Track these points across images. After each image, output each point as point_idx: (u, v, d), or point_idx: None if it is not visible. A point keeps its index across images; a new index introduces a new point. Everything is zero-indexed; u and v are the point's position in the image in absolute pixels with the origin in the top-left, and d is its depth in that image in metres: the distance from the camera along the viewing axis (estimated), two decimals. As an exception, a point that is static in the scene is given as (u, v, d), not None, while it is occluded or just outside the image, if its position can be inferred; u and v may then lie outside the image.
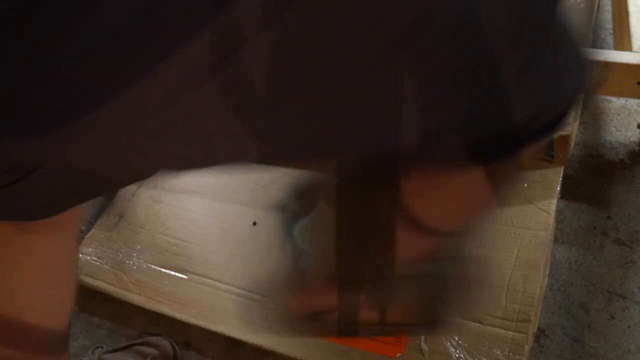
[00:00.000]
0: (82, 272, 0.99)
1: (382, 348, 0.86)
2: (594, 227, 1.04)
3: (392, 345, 0.86)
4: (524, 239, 0.96)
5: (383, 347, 0.86)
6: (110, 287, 0.98)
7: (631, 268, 0.98)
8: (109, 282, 0.98)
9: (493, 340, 0.85)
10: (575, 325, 0.92)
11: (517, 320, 0.87)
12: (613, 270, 0.98)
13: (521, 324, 0.86)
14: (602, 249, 1.01)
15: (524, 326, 0.86)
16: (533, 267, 0.92)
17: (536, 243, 0.95)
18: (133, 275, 0.99)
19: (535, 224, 0.97)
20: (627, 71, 1.00)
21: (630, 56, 1.01)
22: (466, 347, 0.85)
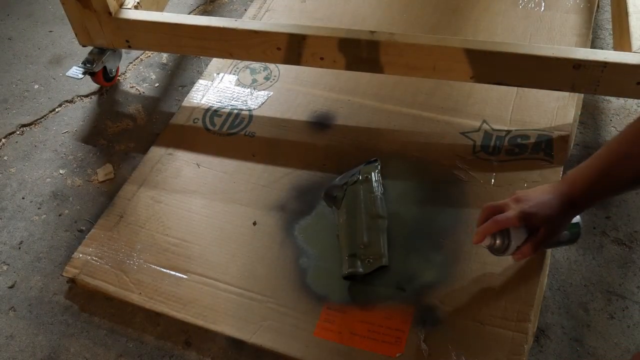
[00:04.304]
0: (82, 272, 0.99)
1: (382, 348, 0.86)
2: (593, 227, 1.04)
3: (392, 345, 0.86)
4: (523, 239, 0.96)
5: (383, 347, 0.86)
6: (110, 287, 0.98)
7: (631, 268, 0.98)
8: (109, 282, 0.98)
9: (493, 340, 0.85)
10: (575, 325, 0.92)
11: (517, 320, 0.87)
12: (612, 270, 0.98)
13: (521, 324, 0.87)
14: (601, 248, 1.01)
15: (523, 326, 0.86)
16: (533, 267, 0.93)
17: (536, 243, 0.96)
18: (133, 275, 0.99)
19: (535, 224, 0.98)
20: (627, 71, 1.00)
21: (630, 56, 1.01)
22: (466, 346, 0.85)
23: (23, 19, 1.61)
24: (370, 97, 1.24)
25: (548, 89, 1.07)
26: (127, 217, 1.07)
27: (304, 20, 1.42)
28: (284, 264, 0.98)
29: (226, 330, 0.91)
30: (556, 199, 0.80)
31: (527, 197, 0.82)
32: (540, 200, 0.81)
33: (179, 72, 1.42)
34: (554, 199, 0.80)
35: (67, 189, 1.18)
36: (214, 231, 1.03)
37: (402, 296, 0.92)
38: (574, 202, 0.79)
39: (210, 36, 1.15)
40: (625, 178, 0.74)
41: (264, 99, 1.26)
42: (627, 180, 0.73)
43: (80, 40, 1.25)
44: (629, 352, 0.88)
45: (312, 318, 0.90)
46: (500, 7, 1.40)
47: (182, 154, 1.17)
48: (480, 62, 1.05)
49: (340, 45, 1.09)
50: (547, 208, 0.80)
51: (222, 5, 1.61)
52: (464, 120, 1.17)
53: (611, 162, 0.75)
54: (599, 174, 0.76)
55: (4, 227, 1.13)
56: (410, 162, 1.10)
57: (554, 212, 0.80)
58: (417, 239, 0.98)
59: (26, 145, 1.28)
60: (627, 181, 0.74)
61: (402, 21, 1.39)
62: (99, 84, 1.36)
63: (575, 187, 0.79)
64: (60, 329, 0.97)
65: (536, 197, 0.81)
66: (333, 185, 1.05)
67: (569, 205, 0.79)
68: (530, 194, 0.83)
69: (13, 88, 1.41)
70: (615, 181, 0.75)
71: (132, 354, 0.93)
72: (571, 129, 1.13)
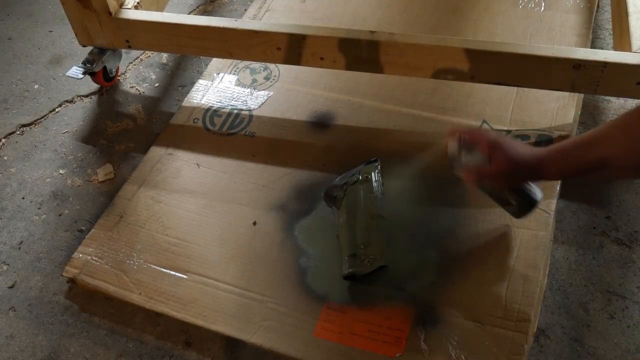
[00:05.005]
0: (82, 272, 0.99)
1: (382, 348, 0.86)
2: (593, 227, 1.04)
3: (392, 345, 0.86)
4: (523, 239, 0.96)
5: (383, 347, 0.86)
6: (110, 287, 0.98)
7: (631, 268, 0.98)
8: (109, 282, 0.98)
9: (493, 340, 0.85)
10: (575, 325, 0.92)
11: (517, 320, 0.87)
12: (612, 270, 0.98)
13: (521, 324, 0.87)
14: (601, 249, 1.01)
15: (523, 326, 0.86)
16: (533, 267, 0.93)
17: (536, 243, 0.96)
18: (133, 275, 0.99)
19: (535, 224, 0.98)
20: (627, 71, 1.00)
21: (630, 56, 1.01)
22: (466, 346, 0.85)
23: (23, 19, 1.61)
24: (370, 97, 1.24)
25: (548, 89, 1.07)
26: (127, 217, 1.07)
27: (304, 20, 1.42)
28: (284, 264, 0.98)
29: (226, 330, 0.91)
30: (530, 152, 0.83)
31: (507, 141, 0.85)
32: (516, 144, 0.85)
33: (179, 72, 1.42)
34: (528, 150, 0.84)
35: (67, 189, 1.18)
36: (214, 231, 1.03)
37: (402, 296, 0.92)
38: (541, 160, 0.82)
39: (210, 36, 1.15)
40: (588, 160, 0.77)
41: (264, 99, 1.26)
42: (591, 161, 0.76)
43: (80, 40, 1.25)
44: (629, 352, 0.88)
45: (312, 318, 0.90)
46: (500, 7, 1.40)
47: (182, 154, 1.17)
48: (480, 62, 1.05)
49: (340, 45, 1.09)
50: (516, 150, 0.83)
51: (222, 5, 1.61)
52: (464, 120, 1.17)
53: (582, 141, 0.78)
54: (572, 146, 0.79)
55: (4, 227, 1.13)
56: (410, 162, 1.10)
57: (519, 157, 0.83)
58: (417, 239, 0.98)
59: (26, 145, 1.28)
60: (590, 163, 0.77)
61: (402, 21, 1.39)
62: (99, 84, 1.36)
63: (549, 152, 0.82)
64: (60, 329, 0.97)
65: (515, 144, 0.85)
66: (333, 185, 1.05)
67: (537, 161, 0.82)
68: (512, 142, 0.86)
69: (13, 88, 1.41)
70: (580, 160, 0.78)
71: (132, 354, 0.93)
72: (571, 129, 1.13)
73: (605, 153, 0.73)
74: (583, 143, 0.77)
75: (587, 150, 0.76)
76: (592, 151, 0.75)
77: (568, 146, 0.80)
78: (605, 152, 0.73)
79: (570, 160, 0.79)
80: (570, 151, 0.79)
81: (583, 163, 0.77)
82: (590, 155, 0.75)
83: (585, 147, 0.76)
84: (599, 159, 0.74)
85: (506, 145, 0.84)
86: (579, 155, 0.77)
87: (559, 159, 0.80)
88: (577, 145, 0.78)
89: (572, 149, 0.79)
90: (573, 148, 0.79)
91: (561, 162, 0.80)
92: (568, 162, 0.79)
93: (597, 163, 0.74)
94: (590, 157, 0.75)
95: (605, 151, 0.73)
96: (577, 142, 0.78)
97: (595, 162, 0.75)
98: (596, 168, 0.75)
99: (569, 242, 1.02)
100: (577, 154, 0.78)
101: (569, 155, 0.79)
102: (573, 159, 0.78)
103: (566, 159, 0.79)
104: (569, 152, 0.79)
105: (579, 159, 0.77)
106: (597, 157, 0.74)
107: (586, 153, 0.76)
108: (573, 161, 0.78)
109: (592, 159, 0.75)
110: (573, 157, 0.78)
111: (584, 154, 0.76)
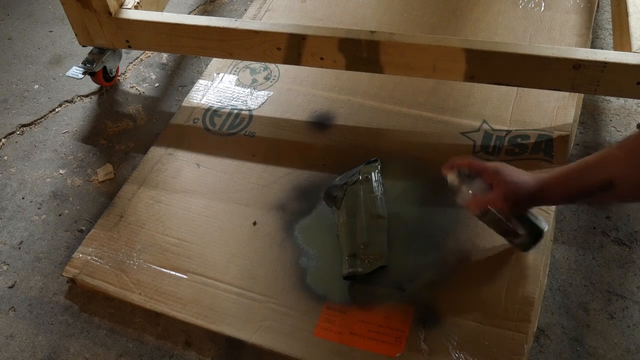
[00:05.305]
0: (82, 272, 0.99)
1: (382, 348, 0.86)
2: (593, 227, 1.04)
3: (392, 345, 0.86)
4: (523, 239, 0.96)
5: (383, 347, 0.86)
6: (110, 287, 0.98)
7: (630, 268, 0.98)
8: (109, 282, 0.98)
9: (493, 340, 0.85)
10: (575, 325, 0.92)
11: (517, 320, 0.87)
12: (612, 270, 0.98)
13: (521, 324, 0.87)
14: (601, 249, 1.01)
15: (523, 326, 0.86)
16: (533, 267, 0.93)
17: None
18: (133, 275, 0.99)
19: (535, 224, 0.98)
20: (627, 71, 1.00)
21: (630, 56, 1.01)
22: (466, 346, 0.85)
23: (23, 19, 1.61)
24: (370, 97, 1.24)
25: (548, 89, 1.07)
26: (127, 217, 1.07)
27: (304, 20, 1.42)
28: (284, 264, 0.98)
29: (226, 330, 0.91)
30: (532, 178, 0.84)
31: (508, 166, 0.87)
32: (516, 170, 0.86)
33: (179, 72, 1.42)
34: (530, 177, 0.85)
35: (67, 189, 1.18)
36: (213, 231, 1.03)
37: (402, 296, 0.92)
38: (542, 186, 0.82)
39: (210, 36, 1.15)
40: (592, 182, 0.77)
41: (264, 99, 1.26)
42: (595, 183, 0.77)
43: (80, 40, 1.25)
44: (629, 352, 0.88)
45: (312, 318, 0.90)
46: (500, 7, 1.40)
47: (182, 154, 1.17)
48: (480, 62, 1.05)
49: (340, 45, 1.09)
50: (517, 175, 0.85)
51: (222, 5, 1.61)
52: (464, 120, 1.17)
53: (586, 164, 0.78)
54: (575, 169, 0.80)
55: (4, 227, 1.13)
56: (410, 162, 1.10)
57: (520, 180, 0.84)
58: (417, 239, 0.98)
59: (26, 145, 1.28)
60: (594, 184, 0.77)
61: (402, 21, 1.39)
62: (99, 84, 1.36)
63: (551, 176, 0.83)
64: (60, 329, 0.97)
65: (516, 170, 0.86)
66: (333, 185, 1.05)
67: (539, 187, 0.83)
68: (512, 168, 0.87)
69: (13, 88, 1.41)
70: (584, 182, 0.78)
71: (132, 354, 0.93)
72: (571, 129, 1.13)
73: (609, 174, 0.73)
74: (587, 165, 0.77)
75: (591, 172, 0.76)
76: (597, 172, 0.75)
77: (571, 169, 0.80)
78: (610, 173, 0.73)
79: (574, 182, 0.79)
80: (573, 173, 0.79)
81: (587, 185, 0.77)
82: (594, 177, 0.75)
83: (589, 169, 0.77)
84: (604, 180, 0.74)
85: (507, 170, 0.85)
86: (583, 177, 0.77)
87: (561, 182, 0.81)
88: (581, 167, 0.78)
89: (576, 171, 0.79)
90: (576, 170, 0.79)
91: (564, 185, 0.80)
92: (571, 184, 0.79)
93: (602, 184, 0.74)
94: (594, 179, 0.75)
95: (610, 172, 0.73)
96: (581, 164, 0.78)
97: (599, 183, 0.75)
98: (600, 190, 0.75)
99: (569, 242, 1.02)
100: (580, 176, 0.78)
101: (573, 178, 0.79)
102: (576, 181, 0.78)
103: (569, 181, 0.79)
104: (572, 175, 0.79)
105: (582, 181, 0.77)
106: (602, 178, 0.74)
107: (590, 174, 0.76)
108: (576, 183, 0.78)
109: (597, 180, 0.75)
110: (576, 180, 0.78)
111: (588, 175, 0.76)
